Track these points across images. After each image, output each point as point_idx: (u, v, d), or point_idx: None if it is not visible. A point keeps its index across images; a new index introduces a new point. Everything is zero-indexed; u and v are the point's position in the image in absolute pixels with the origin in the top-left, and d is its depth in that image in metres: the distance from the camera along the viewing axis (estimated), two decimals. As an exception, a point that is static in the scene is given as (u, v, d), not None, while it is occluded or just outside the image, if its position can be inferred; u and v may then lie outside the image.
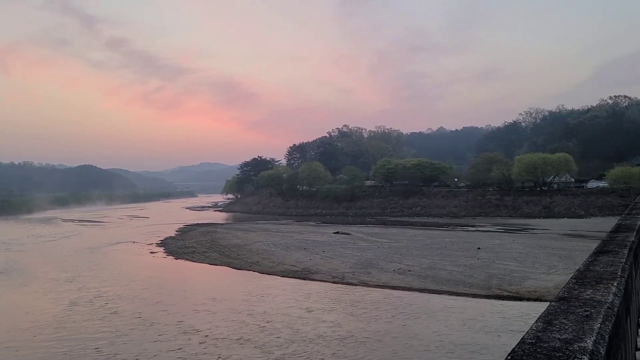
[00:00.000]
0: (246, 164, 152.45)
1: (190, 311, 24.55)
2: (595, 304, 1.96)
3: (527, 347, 1.59)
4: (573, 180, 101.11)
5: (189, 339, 20.08)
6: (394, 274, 32.33)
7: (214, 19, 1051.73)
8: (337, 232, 58.14)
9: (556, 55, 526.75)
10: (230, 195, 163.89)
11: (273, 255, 41.99)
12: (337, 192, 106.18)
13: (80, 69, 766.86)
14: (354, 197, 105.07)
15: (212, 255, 43.98)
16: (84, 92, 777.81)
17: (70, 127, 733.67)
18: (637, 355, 3.66)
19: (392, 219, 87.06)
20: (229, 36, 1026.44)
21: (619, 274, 2.57)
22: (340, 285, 30.41)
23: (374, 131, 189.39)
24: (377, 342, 19.32)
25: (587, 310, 1.87)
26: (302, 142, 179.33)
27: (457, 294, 26.91)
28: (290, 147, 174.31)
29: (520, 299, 25.17)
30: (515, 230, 61.22)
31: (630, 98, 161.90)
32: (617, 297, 2.12)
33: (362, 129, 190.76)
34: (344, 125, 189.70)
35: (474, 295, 26.54)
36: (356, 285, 30.15)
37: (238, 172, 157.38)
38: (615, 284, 2.30)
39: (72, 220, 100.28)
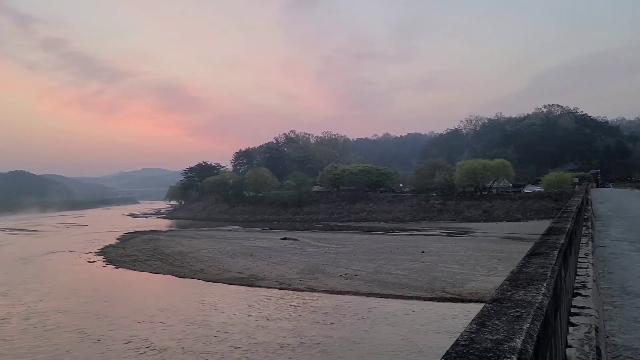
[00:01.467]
0: (191, 170, 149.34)
1: (142, 324, 23.36)
2: (525, 304, 2.03)
3: (460, 348, 1.62)
4: (511, 185, 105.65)
5: (144, 353, 19.07)
6: (341, 279, 32.54)
7: (156, 22, 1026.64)
8: (285, 238, 57.91)
9: (494, 65, 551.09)
10: (174, 202, 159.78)
11: (219, 262, 41.26)
12: (285, 198, 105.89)
13: (14, 70, 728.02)
14: (302, 203, 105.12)
15: (155, 263, 42.68)
16: (17, 94, 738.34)
17: (0, 131, 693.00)
18: (567, 352, 3.82)
19: (339, 224, 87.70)
20: (172, 39, 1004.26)
21: (549, 275, 2.68)
22: (287, 291, 30.28)
23: (321, 137, 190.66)
24: (347, 350, 18.95)
25: (518, 311, 1.93)
26: (249, 148, 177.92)
27: (403, 297, 27.39)
28: (237, 152, 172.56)
29: (462, 300, 25.92)
30: (458, 233, 63.17)
31: (562, 107, 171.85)
32: (546, 298, 2.20)
33: (309, 135, 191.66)
34: (291, 131, 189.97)
35: (419, 298, 27.11)
36: (304, 290, 30.09)
37: (182, 177, 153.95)
38: (544, 285, 2.39)
39: (3, 229, 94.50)
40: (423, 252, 42.70)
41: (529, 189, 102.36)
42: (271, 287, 31.40)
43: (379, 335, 20.50)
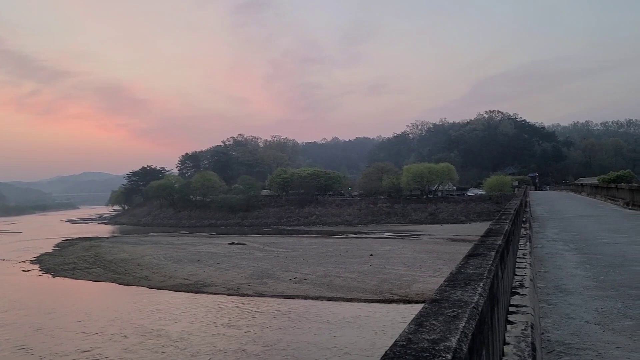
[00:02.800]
0: (134, 174, 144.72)
1: (92, 336, 22.10)
2: (462, 304, 2.07)
3: (398, 349, 1.63)
4: (455, 188, 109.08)
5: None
6: (290, 283, 32.47)
7: (98, 20, 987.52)
8: (233, 243, 57.17)
9: (439, 72, 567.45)
10: (116, 207, 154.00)
11: (164, 269, 40.18)
12: (233, 202, 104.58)
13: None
14: (250, 207, 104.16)
15: (96, 271, 41.02)
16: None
17: None
18: (505, 349, 3.94)
19: (288, 228, 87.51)
20: (115, 39, 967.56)
21: (486, 275, 2.76)
22: (236, 297, 29.89)
23: (270, 140, 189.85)
24: (321, 356, 18.66)
25: (455, 311, 1.96)
26: (196, 151, 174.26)
27: (351, 300, 27.66)
28: (183, 156, 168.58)
29: (409, 301, 26.46)
30: (405, 236, 64.49)
31: (502, 113, 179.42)
32: (482, 297, 2.26)
33: (257, 138, 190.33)
34: (239, 134, 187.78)
35: (367, 300, 27.46)
36: (252, 296, 29.81)
37: (125, 182, 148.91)
38: (481, 285, 2.45)
39: None
40: (371, 254, 43.28)
41: (472, 192, 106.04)
42: (219, 293, 30.89)
43: (344, 340, 20.48)
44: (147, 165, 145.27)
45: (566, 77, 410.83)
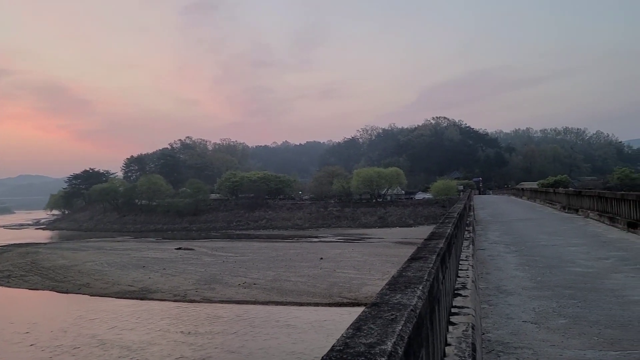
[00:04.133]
0: (76, 177, 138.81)
1: (48, 350, 20.82)
2: (400, 307, 2.08)
3: (334, 354, 1.61)
4: (404, 192, 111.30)
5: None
6: (239, 288, 32.07)
7: (38, 17, 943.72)
8: (180, 248, 55.87)
9: (389, 78, 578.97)
10: (56, 211, 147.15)
11: (107, 275, 38.72)
12: (180, 206, 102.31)
13: None
14: (198, 211, 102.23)
15: (33, 279, 39.00)
16: None
17: None
18: (446, 350, 4.01)
19: (237, 232, 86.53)
20: (58, 37, 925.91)
21: (425, 278, 2.79)
22: (183, 303, 29.21)
23: (219, 144, 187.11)
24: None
25: (393, 314, 1.97)
26: (141, 154, 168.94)
27: (301, 304, 27.64)
28: (128, 158, 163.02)
29: (358, 304, 26.69)
30: (355, 239, 65.13)
31: (449, 119, 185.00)
32: (420, 300, 2.28)
33: (206, 141, 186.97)
34: (187, 137, 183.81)
35: (317, 304, 27.52)
36: (200, 302, 29.25)
37: (66, 185, 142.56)
38: (420, 288, 2.48)
39: None
40: (321, 258, 43.42)
41: (419, 196, 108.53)
42: (165, 300, 30.11)
43: (304, 345, 20.34)
44: (90, 168, 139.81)
45: (509, 85, 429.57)
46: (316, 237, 71.61)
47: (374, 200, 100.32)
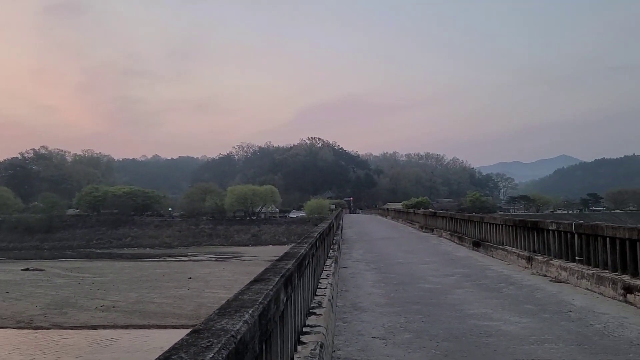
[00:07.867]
0: None
1: None
2: (221, 333, 2.03)
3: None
4: (278, 210, 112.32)
5: None
6: (95, 312, 29.61)
7: None
8: (27, 269, 50.29)
9: (266, 96, 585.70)
10: None
11: None
12: (30, 222, 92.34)
13: None
14: (52, 228, 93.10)
15: None
16: None
17: None
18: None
19: (98, 251, 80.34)
20: None
21: (260, 300, 2.78)
22: (28, 330, 26.14)
23: (81, 155, 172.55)
24: None
25: (210, 341, 1.91)
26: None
27: (165, 327, 26.28)
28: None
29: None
30: (227, 258, 63.92)
31: (323, 140, 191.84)
32: (246, 324, 2.25)
33: (65, 152, 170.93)
34: (42, 147, 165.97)
35: (182, 327, 26.30)
36: (48, 328, 26.41)
37: None
38: (250, 312, 2.45)
39: None
40: (190, 278, 41.88)
41: (293, 214, 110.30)
42: (5, 327, 26.71)
43: None
44: None
45: (378, 110, 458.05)
46: (185, 255, 69.07)
47: (248, 218, 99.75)
